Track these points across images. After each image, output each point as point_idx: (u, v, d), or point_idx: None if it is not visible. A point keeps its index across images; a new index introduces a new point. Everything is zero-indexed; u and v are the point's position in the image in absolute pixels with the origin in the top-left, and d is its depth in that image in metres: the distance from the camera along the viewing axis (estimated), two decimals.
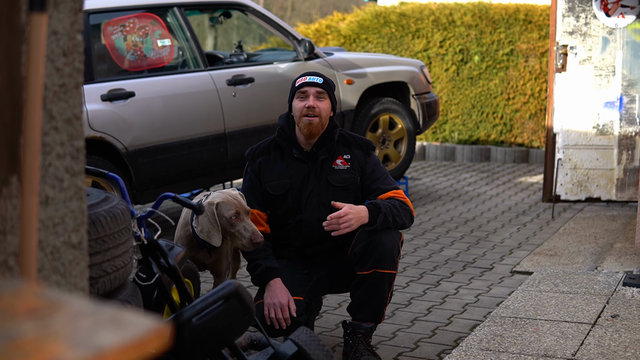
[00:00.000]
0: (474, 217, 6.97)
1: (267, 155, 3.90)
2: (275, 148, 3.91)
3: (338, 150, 3.89)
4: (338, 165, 3.87)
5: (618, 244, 5.79)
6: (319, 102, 3.81)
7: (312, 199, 3.84)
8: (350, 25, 10.51)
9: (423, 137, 10.19)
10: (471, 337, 3.99)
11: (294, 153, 3.86)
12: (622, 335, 3.95)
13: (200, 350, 2.70)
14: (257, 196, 3.89)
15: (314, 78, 3.84)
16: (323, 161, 3.85)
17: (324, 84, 3.84)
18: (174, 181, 6.17)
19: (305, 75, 3.88)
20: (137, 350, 1.18)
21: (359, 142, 3.93)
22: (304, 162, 3.86)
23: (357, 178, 3.88)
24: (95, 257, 2.78)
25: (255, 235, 3.68)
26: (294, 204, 3.85)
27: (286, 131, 3.89)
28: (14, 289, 1.36)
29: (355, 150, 3.90)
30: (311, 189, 3.84)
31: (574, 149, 7.11)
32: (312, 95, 3.81)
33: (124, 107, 5.87)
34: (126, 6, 6.17)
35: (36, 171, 1.51)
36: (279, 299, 3.70)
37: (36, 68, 1.50)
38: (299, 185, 3.85)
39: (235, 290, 2.71)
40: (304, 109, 3.79)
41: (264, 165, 3.88)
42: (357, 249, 3.72)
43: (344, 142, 3.91)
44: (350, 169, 3.87)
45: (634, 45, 6.97)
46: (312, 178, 3.84)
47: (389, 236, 3.71)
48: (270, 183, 3.86)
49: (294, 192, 3.85)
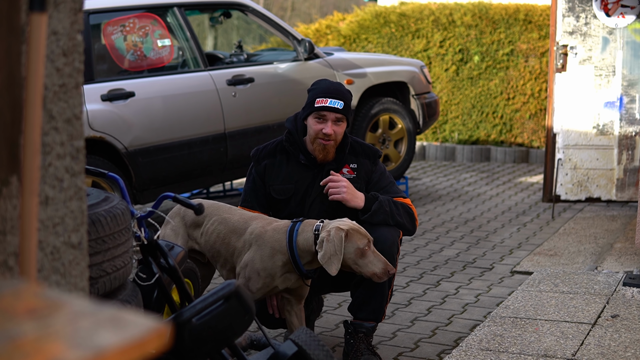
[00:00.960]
0: (474, 217, 6.97)
1: (273, 158, 3.86)
2: (282, 151, 3.87)
3: (346, 159, 3.86)
4: (344, 174, 3.84)
5: (618, 244, 5.79)
6: (336, 127, 3.75)
7: (315, 206, 3.82)
8: (350, 25, 10.51)
9: (423, 137, 10.19)
10: (471, 337, 3.99)
11: (300, 159, 3.83)
12: (622, 335, 3.95)
13: (200, 350, 2.70)
14: (260, 198, 3.88)
15: (335, 102, 3.72)
16: (329, 170, 3.83)
17: (344, 109, 3.74)
18: (174, 181, 6.17)
19: (326, 96, 3.74)
20: (137, 350, 1.18)
21: (366, 151, 3.90)
22: (309, 168, 3.84)
23: (362, 187, 3.85)
24: (95, 257, 2.78)
25: (388, 267, 3.47)
26: (296, 209, 3.84)
27: (294, 135, 3.85)
28: (14, 289, 1.36)
29: (363, 160, 3.88)
30: (315, 196, 3.83)
31: (574, 149, 7.11)
32: (330, 121, 3.74)
33: (124, 107, 5.87)
34: (126, 6, 6.17)
35: (36, 171, 1.51)
36: None
37: (36, 68, 1.50)
38: (302, 192, 3.83)
39: (235, 290, 2.71)
40: (321, 132, 3.74)
41: (269, 168, 3.86)
42: None
43: (351, 151, 3.88)
44: (356, 178, 3.85)
45: (634, 45, 6.97)
46: (317, 185, 3.83)
47: (387, 234, 3.70)
48: (275, 187, 3.85)
49: (297, 198, 3.84)
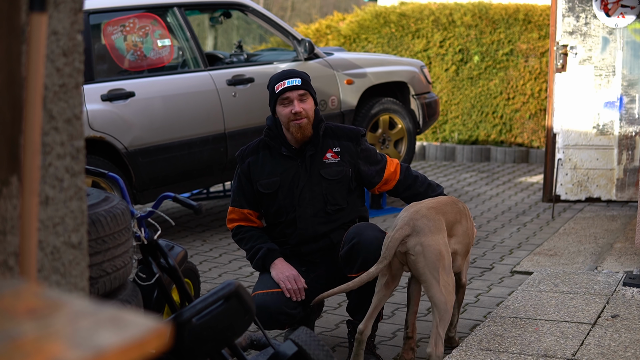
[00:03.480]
0: (474, 217, 6.97)
1: (256, 155, 3.90)
2: (264, 147, 3.91)
3: (327, 144, 3.88)
4: (329, 159, 3.87)
5: (618, 244, 5.79)
6: (303, 104, 3.79)
7: (304, 194, 3.84)
8: (350, 25, 10.51)
9: (423, 137, 10.19)
10: (471, 337, 3.98)
11: (282, 151, 3.86)
12: (622, 335, 3.95)
13: (200, 350, 2.70)
14: (247, 196, 3.90)
15: (292, 81, 3.78)
16: (311, 156, 3.85)
17: (303, 84, 3.80)
18: (174, 181, 6.17)
19: (281, 79, 3.81)
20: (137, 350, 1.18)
21: (347, 134, 3.92)
22: (293, 159, 3.86)
23: (348, 170, 3.88)
24: (95, 257, 2.78)
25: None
26: (285, 201, 3.85)
27: (274, 130, 3.89)
28: (14, 289, 1.36)
29: (345, 142, 3.90)
30: (303, 185, 3.84)
31: (574, 149, 7.11)
32: (295, 100, 3.78)
33: (124, 107, 5.87)
34: (126, 6, 6.17)
35: (36, 171, 1.51)
36: (290, 272, 3.73)
37: (36, 68, 1.50)
38: (289, 183, 3.85)
39: (235, 290, 2.71)
40: (291, 114, 3.77)
41: (252, 165, 3.89)
42: (342, 252, 3.73)
43: (332, 135, 3.90)
44: (341, 162, 3.87)
45: (634, 45, 6.97)
46: (303, 174, 3.85)
47: (372, 237, 3.68)
48: (261, 182, 3.87)
49: (284, 190, 3.85)
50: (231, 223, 3.94)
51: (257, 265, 3.84)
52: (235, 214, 3.93)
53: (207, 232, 6.56)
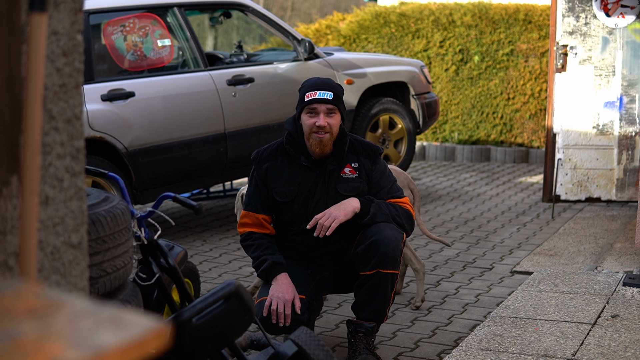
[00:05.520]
0: (474, 217, 6.97)
1: (274, 161, 3.85)
2: (283, 153, 3.86)
3: (346, 159, 3.85)
4: (346, 174, 3.84)
5: (618, 244, 5.79)
6: (329, 118, 3.75)
7: (319, 207, 3.81)
8: (350, 25, 10.51)
9: (423, 137, 10.19)
10: (471, 337, 3.99)
11: (302, 161, 3.82)
12: (622, 335, 3.95)
13: (200, 350, 2.70)
14: (262, 200, 3.86)
15: (324, 94, 3.73)
16: (331, 171, 3.83)
17: (334, 99, 3.75)
18: (174, 181, 6.17)
19: (314, 89, 3.76)
20: (137, 350, 1.18)
21: (366, 150, 3.89)
22: (312, 170, 3.83)
23: (365, 186, 3.85)
24: (95, 257, 2.78)
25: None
26: (300, 211, 3.83)
27: (295, 137, 3.84)
28: (14, 289, 1.36)
29: (363, 159, 3.87)
30: (319, 197, 3.82)
31: (574, 149, 7.11)
32: (322, 113, 3.73)
33: (124, 107, 5.87)
34: (126, 6, 6.17)
35: (36, 171, 1.51)
36: (285, 295, 3.68)
37: (36, 68, 1.50)
38: (306, 194, 3.82)
39: (235, 290, 2.71)
40: (314, 126, 3.74)
41: (270, 170, 3.84)
42: (359, 248, 3.71)
43: (352, 150, 3.87)
44: (358, 178, 3.84)
45: (634, 45, 6.97)
46: (320, 187, 3.82)
47: (391, 236, 3.69)
48: (277, 190, 3.83)
49: (300, 200, 3.82)
50: (243, 227, 3.88)
51: (261, 275, 3.83)
52: (249, 218, 3.87)
53: (207, 232, 6.56)
